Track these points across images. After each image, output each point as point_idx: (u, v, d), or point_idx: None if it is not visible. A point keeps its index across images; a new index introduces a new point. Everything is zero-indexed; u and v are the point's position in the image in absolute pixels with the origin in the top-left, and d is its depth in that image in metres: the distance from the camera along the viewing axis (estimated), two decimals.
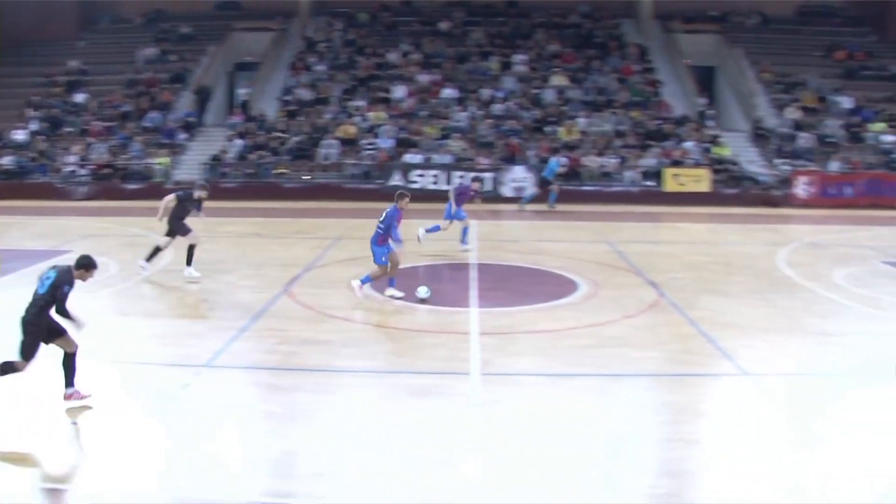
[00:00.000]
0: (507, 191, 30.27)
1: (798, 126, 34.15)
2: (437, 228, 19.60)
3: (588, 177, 30.83)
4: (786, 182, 31.16)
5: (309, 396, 9.91)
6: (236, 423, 9.19)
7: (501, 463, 8.20)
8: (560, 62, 37.25)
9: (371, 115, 33.69)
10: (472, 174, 26.28)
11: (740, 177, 31.57)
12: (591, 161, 30.92)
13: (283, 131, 33.13)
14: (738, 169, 31.89)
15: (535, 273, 17.02)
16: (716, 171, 31.25)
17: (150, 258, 16.35)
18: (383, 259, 14.49)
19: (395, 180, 29.96)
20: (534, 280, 16.73)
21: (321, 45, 38.55)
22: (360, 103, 34.48)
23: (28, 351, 8.94)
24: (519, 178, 30.40)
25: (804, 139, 33.16)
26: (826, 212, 29.22)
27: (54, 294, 8.93)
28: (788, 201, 30.51)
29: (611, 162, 31.00)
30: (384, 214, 14.53)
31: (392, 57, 37.46)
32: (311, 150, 32.11)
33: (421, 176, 30.29)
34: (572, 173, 30.61)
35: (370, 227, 15.06)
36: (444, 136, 32.61)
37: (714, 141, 33.14)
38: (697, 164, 31.39)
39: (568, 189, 29.79)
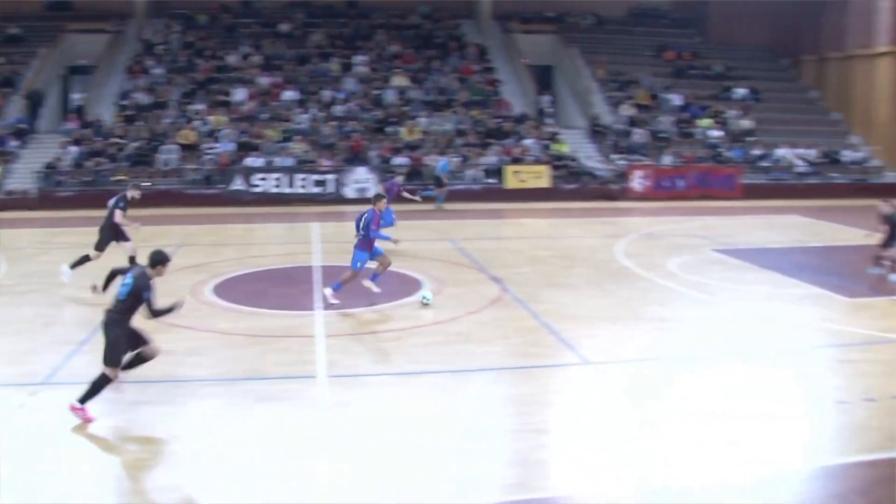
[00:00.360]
0: (349, 192, 30.16)
1: (632, 122, 35.58)
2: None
3: (430, 176, 31.12)
4: (622, 176, 32.34)
5: (154, 409, 9.61)
6: (76, 441, 8.85)
7: (353, 464, 8.22)
8: (401, 63, 37.46)
9: (211, 118, 32.96)
10: (398, 171, 26.16)
11: (579, 172, 32.52)
12: (433, 160, 31.21)
13: (120, 137, 31.94)
14: (576, 165, 32.89)
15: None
16: (555, 168, 32.10)
17: (75, 265, 15.76)
18: (359, 265, 14.40)
19: (237, 185, 29.51)
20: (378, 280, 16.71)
21: (159, 48, 37.39)
22: (200, 107, 33.69)
23: (113, 357, 9.13)
24: (362, 179, 30.36)
25: (638, 135, 34.57)
26: (660, 204, 30.49)
27: (137, 298, 9.15)
28: (625, 195, 31.69)
29: (452, 161, 31.35)
30: (363, 219, 14.38)
31: (232, 59, 36.79)
32: (150, 155, 31.11)
33: (263, 180, 29.83)
34: (414, 173, 30.85)
35: (212, 232, 14.92)
36: (286, 139, 32.23)
37: (553, 138, 34.07)
38: (537, 161, 32.15)
39: (410, 188, 29.99)
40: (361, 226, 14.40)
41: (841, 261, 20.12)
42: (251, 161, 30.63)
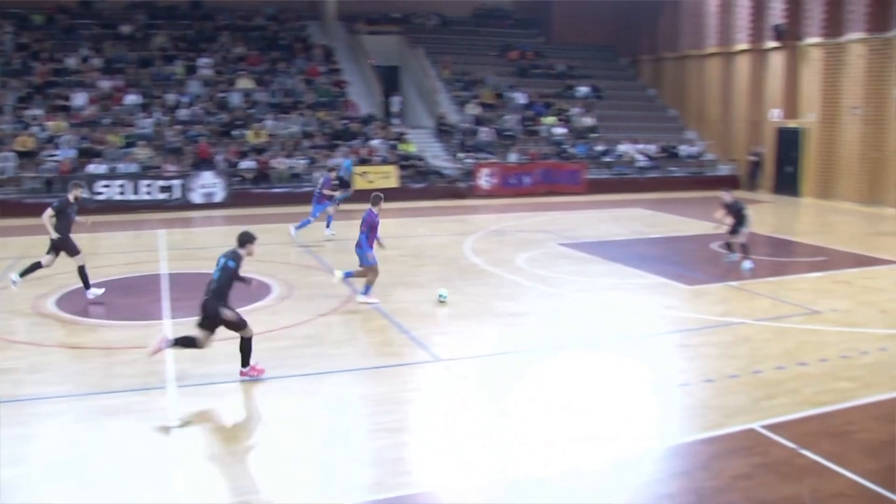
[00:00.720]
0: (196, 197, 29.48)
1: (478, 121, 36.11)
2: (307, 223, 21.88)
3: (277, 179, 30.74)
4: (469, 174, 32.78)
5: None
6: None
7: (209, 473, 8.09)
8: (246, 65, 36.77)
9: (50, 124, 31.44)
10: (331, 165, 26.17)
11: (426, 171, 32.76)
12: (280, 163, 30.85)
13: None
14: (424, 164, 33.11)
15: None
16: (403, 167, 32.23)
17: (25, 273, 15.08)
18: (369, 259, 14.80)
19: (82, 193, 28.36)
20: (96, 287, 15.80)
21: None
22: (38, 112, 32.10)
23: (240, 321, 10.62)
24: (208, 183, 29.73)
25: (484, 133, 35.11)
26: (507, 200, 31.07)
27: (230, 276, 10.52)
28: (472, 192, 32.14)
29: (300, 163, 31.08)
30: (363, 219, 14.99)
31: (71, 62, 35.23)
32: None
33: (106, 187, 28.79)
34: (261, 176, 30.45)
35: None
36: (130, 144, 31.12)
37: (400, 138, 34.20)
38: (385, 161, 32.20)
39: (258, 192, 29.74)
40: (363, 225, 15.02)
41: (681, 250, 21.02)
42: (93, 168, 29.53)
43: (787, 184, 35.38)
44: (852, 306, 15.09)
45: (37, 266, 15.07)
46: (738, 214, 18.46)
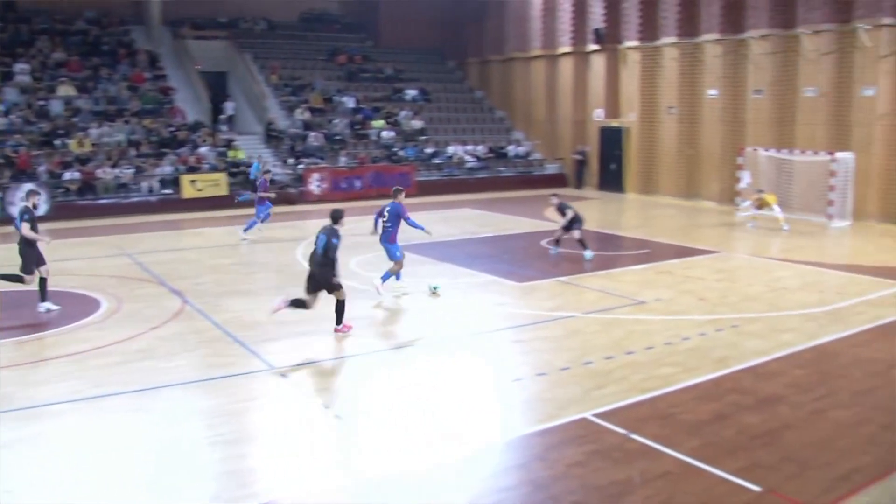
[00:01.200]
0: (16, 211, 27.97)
1: (307, 126, 35.84)
2: (254, 223, 23.37)
3: (104, 189, 29.61)
4: (300, 180, 32.49)
5: None
6: None
7: (41, 500, 7.73)
8: (67, 71, 35.10)
9: None
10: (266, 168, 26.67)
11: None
12: (106, 173, 29.74)
13: None
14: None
15: (55, 295, 15.86)
16: (232, 175, 31.64)
17: (44, 297, 14.82)
18: (398, 254, 15.93)
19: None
20: (53, 302, 15.67)
21: None
22: None
23: (336, 284, 13.01)
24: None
25: (314, 138, 34.87)
26: (339, 205, 30.71)
27: (333, 250, 12.89)
28: (303, 198, 31.86)
29: (126, 172, 30.06)
30: (387, 213, 15.98)
31: None
32: None
33: None
34: (87, 187, 29.28)
35: None
36: None
37: (229, 145, 33.54)
38: (214, 169, 31.53)
39: (83, 204, 28.60)
40: (386, 219, 15.96)
41: (511, 248, 21.52)
42: None
43: (611, 181, 36.76)
44: (674, 295, 15.85)
45: (17, 279, 14.84)
46: (567, 214, 19.33)
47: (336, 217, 13.39)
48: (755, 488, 7.77)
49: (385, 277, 15.93)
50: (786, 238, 23.21)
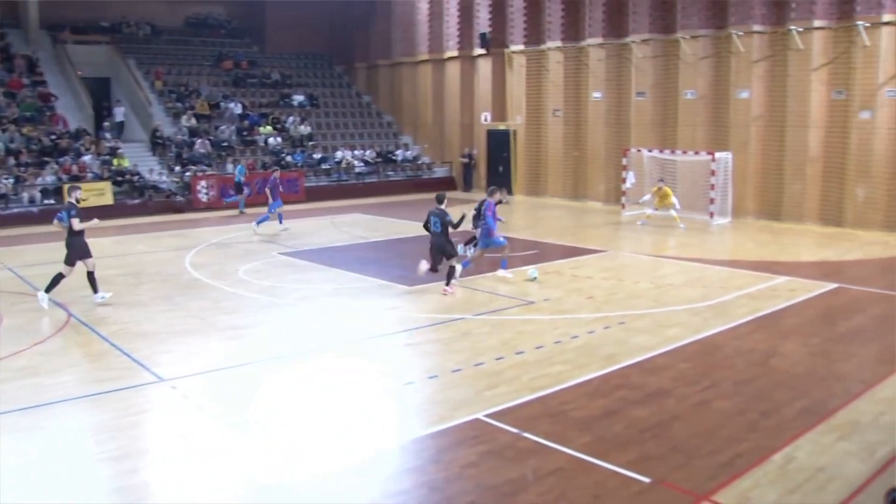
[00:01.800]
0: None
1: (194, 133, 35.12)
2: (266, 218, 25.19)
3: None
4: (187, 187, 31.81)
5: None
6: None
7: None
8: None
9: None
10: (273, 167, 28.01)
11: (142, 186, 31.42)
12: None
13: None
14: (139, 179, 31.71)
15: None
16: (117, 183, 30.77)
17: (50, 288, 15.31)
18: (502, 239, 17.74)
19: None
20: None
21: None
22: None
23: (453, 252, 16.53)
24: None
25: (200, 145, 34.20)
26: (227, 212, 30.45)
27: (447, 224, 16.31)
28: (191, 206, 31.22)
29: (5, 183, 28.95)
30: (481, 211, 17.78)
31: None
32: None
33: None
34: None
35: None
36: None
37: (113, 153, 32.59)
38: (98, 178, 30.60)
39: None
40: (482, 218, 17.69)
41: (401, 252, 21.50)
42: None
43: (499, 183, 36.80)
44: (563, 294, 16.10)
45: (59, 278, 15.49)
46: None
47: (440, 199, 16.86)
48: (645, 480, 7.92)
49: (503, 265, 17.96)
50: (670, 236, 23.82)
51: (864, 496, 7.69)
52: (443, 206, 16.60)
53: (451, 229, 16.40)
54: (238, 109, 37.79)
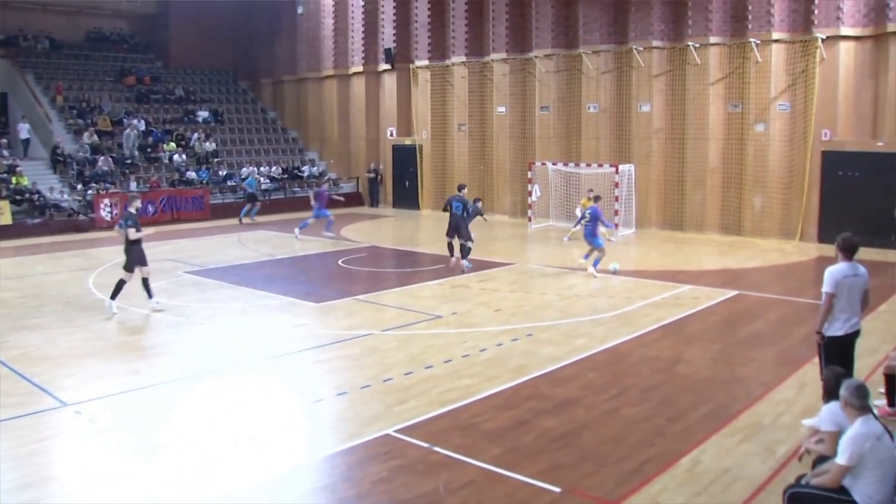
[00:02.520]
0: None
1: (96, 150, 34.25)
2: (306, 224, 27.13)
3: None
4: (90, 206, 30.98)
5: None
6: None
7: None
8: None
9: None
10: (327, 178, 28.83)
11: (43, 205, 30.54)
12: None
13: None
14: (40, 197, 30.79)
15: None
16: (16, 202, 29.81)
17: (114, 295, 16.10)
18: (600, 242, 19.71)
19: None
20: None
21: None
22: None
23: (468, 234, 20.33)
24: None
25: (103, 162, 33.35)
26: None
27: (467, 210, 20.32)
28: (94, 225, 30.42)
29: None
30: (588, 214, 19.86)
31: None
32: None
33: None
34: None
35: None
36: None
37: (12, 171, 31.56)
38: None
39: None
40: (588, 219, 19.76)
41: (308, 269, 21.40)
42: None
43: (406, 198, 37.20)
44: (471, 308, 16.18)
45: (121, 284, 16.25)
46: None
47: (461, 187, 21.53)
48: (556, 489, 7.99)
49: (595, 263, 19.57)
50: (575, 248, 24.13)
51: (765, 494, 7.90)
52: (462, 194, 20.80)
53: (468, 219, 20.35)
54: (141, 126, 36.94)
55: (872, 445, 6.36)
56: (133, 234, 16.01)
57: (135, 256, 16.20)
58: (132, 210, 16.52)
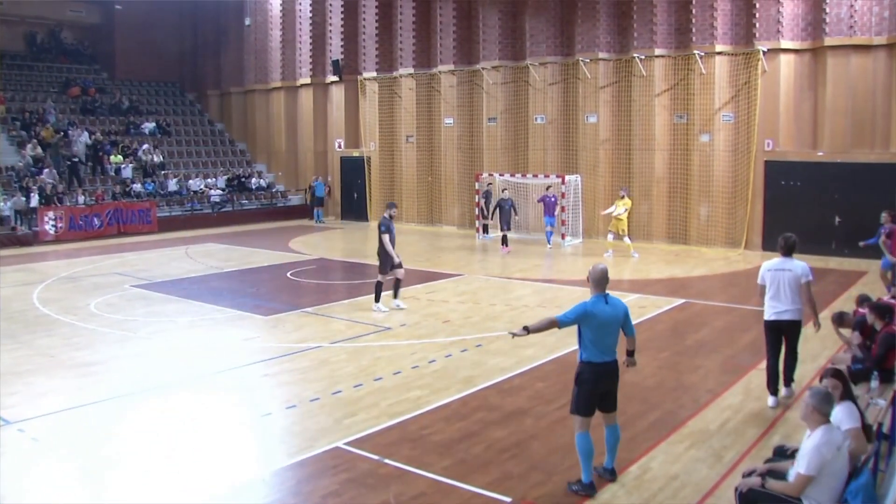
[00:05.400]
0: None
1: (39, 162, 33.66)
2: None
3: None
4: (32, 219, 30.45)
5: None
6: None
7: None
8: None
9: None
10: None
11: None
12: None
13: None
14: None
15: None
16: None
17: (395, 294, 17.31)
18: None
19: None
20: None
21: None
22: None
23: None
24: None
25: (47, 174, 32.77)
26: (76, 244, 29.38)
27: (514, 208, 26.23)
28: (37, 238, 29.90)
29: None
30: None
31: None
32: None
33: None
34: None
35: None
36: None
37: None
38: None
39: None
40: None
41: (256, 281, 21.26)
42: None
43: (354, 210, 37.15)
44: (419, 319, 16.20)
45: (398, 283, 17.34)
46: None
47: (504, 189, 23.99)
48: (506, 499, 8.03)
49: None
50: (522, 258, 24.30)
51: (713, 499, 8.01)
52: (506, 195, 25.46)
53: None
54: (86, 137, 36.36)
55: (833, 455, 6.46)
56: (386, 241, 16.91)
57: (388, 261, 17.03)
58: (386, 216, 17.37)
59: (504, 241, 26.15)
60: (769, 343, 11.01)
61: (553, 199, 26.58)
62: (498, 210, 26.71)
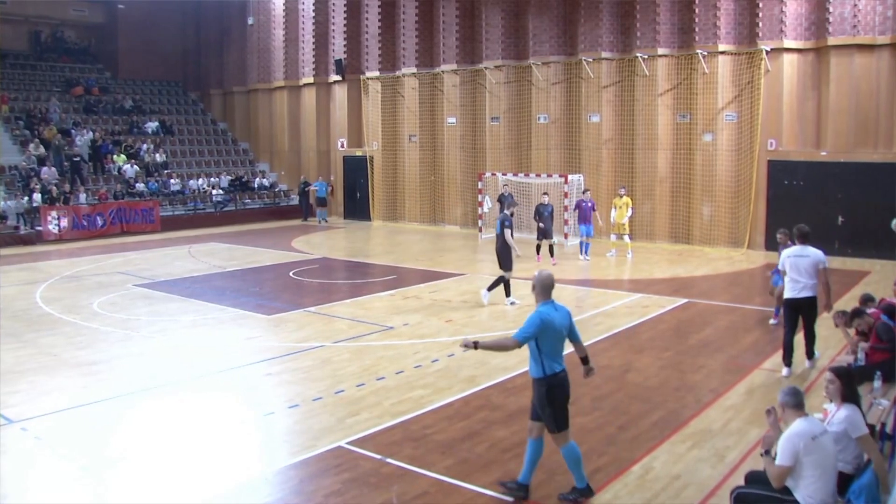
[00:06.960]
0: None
1: (43, 161, 33.70)
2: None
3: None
4: (36, 218, 30.48)
5: None
6: None
7: None
8: None
9: None
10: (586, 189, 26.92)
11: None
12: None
13: None
14: None
15: None
16: None
17: (508, 292, 17.70)
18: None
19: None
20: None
21: None
22: None
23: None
24: None
25: (50, 174, 32.82)
26: (79, 244, 29.40)
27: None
28: (41, 238, 29.94)
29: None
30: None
31: None
32: None
33: None
34: None
35: None
36: None
37: None
38: None
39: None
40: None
41: (259, 281, 21.24)
42: None
43: (357, 209, 37.14)
44: (422, 319, 16.19)
45: (501, 281, 17.68)
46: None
47: (544, 195, 23.44)
48: (508, 499, 8.01)
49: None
50: (526, 258, 24.24)
51: (715, 499, 8.00)
52: (546, 200, 23.18)
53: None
54: (90, 137, 36.40)
55: (807, 444, 6.41)
56: (508, 237, 17.43)
57: (509, 257, 17.57)
58: (507, 213, 18.05)
59: (550, 251, 23.88)
60: (787, 319, 12.32)
61: (590, 205, 25.05)
62: (537, 217, 23.83)
